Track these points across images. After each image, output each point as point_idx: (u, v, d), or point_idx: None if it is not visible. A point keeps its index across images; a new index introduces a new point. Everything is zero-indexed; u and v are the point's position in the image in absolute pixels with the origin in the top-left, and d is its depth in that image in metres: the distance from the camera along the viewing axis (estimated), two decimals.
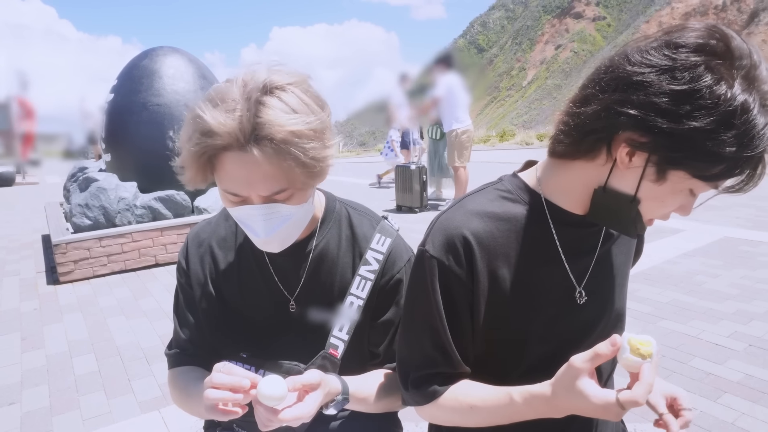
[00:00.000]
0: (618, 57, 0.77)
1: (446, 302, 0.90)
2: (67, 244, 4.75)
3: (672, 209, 0.82)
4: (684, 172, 0.75)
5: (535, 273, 0.91)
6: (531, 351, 0.93)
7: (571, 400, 0.76)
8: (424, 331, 0.93)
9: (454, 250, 0.88)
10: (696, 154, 0.72)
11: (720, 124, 0.69)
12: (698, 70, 0.69)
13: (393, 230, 1.15)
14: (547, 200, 0.91)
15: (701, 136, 0.69)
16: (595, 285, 0.95)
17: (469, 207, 0.92)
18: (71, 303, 4.23)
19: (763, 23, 58.13)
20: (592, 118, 0.78)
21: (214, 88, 0.89)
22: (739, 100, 0.68)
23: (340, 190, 1.02)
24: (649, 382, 0.71)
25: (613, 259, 0.99)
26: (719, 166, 0.72)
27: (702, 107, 0.69)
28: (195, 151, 0.86)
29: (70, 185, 6.01)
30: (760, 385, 2.42)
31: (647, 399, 0.91)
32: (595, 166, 0.83)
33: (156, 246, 5.15)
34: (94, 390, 2.82)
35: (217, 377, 0.86)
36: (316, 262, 1.11)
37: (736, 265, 4.13)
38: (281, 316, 1.11)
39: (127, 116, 5.53)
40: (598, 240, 0.96)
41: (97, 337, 3.52)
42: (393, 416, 1.23)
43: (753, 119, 0.69)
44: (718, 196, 0.83)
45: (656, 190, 0.79)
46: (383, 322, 1.10)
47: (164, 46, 5.96)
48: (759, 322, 3.09)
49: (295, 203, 0.95)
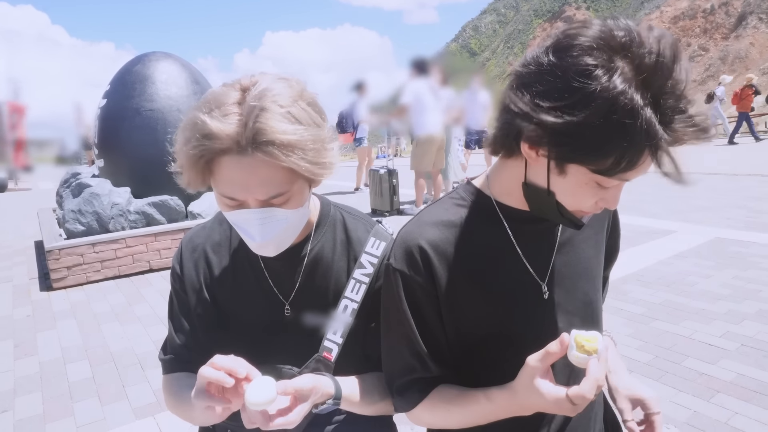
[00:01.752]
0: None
1: (414, 311, 0.94)
2: (60, 250, 4.73)
3: (591, 201, 0.82)
4: (581, 166, 0.76)
5: (496, 273, 0.94)
6: (505, 349, 0.95)
7: (530, 398, 0.80)
8: (398, 340, 0.96)
9: (413, 261, 0.92)
10: (581, 148, 0.73)
11: (597, 118, 0.69)
12: (578, 66, 0.70)
13: (387, 234, 1.15)
14: (497, 201, 0.95)
15: (582, 130, 0.70)
16: (559, 279, 0.97)
17: (424, 218, 0.97)
18: (65, 309, 4.21)
19: (750, 26, 58.74)
20: (500, 116, 0.82)
21: (213, 92, 0.90)
22: (616, 92, 0.68)
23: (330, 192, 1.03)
24: (595, 377, 0.74)
25: (579, 251, 1.00)
26: (608, 160, 0.72)
27: (580, 102, 0.69)
28: (193, 154, 0.86)
29: (62, 191, 5.98)
30: (752, 384, 2.44)
31: (618, 403, 0.94)
32: (519, 163, 0.87)
33: (150, 251, 5.14)
34: (88, 396, 2.81)
35: (217, 359, 0.87)
36: (311, 266, 1.11)
37: (728, 266, 4.17)
38: (276, 320, 1.12)
39: (120, 122, 5.53)
40: (556, 234, 0.97)
41: (90, 343, 3.50)
42: (388, 419, 1.23)
43: (631, 111, 0.68)
44: (710, 197, 0.83)
45: (564, 183, 0.81)
46: (378, 325, 1.10)
47: (157, 52, 5.96)
48: (751, 322, 3.12)
49: (291, 207, 0.95)
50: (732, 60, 57.81)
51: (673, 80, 0.70)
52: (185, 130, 0.88)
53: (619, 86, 0.68)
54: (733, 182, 8.37)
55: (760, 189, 7.54)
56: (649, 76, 0.69)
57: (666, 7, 74.30)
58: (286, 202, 0.94)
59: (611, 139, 0.70)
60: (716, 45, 63.14)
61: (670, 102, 0.70)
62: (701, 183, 8.54)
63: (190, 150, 0.86)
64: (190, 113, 0.88)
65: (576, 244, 1.00)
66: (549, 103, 0.72)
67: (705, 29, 66.71)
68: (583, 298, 1.00)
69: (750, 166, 10.23)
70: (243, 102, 0.86)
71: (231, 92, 0.87)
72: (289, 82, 0.92)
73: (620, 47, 0.71)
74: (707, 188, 7.91)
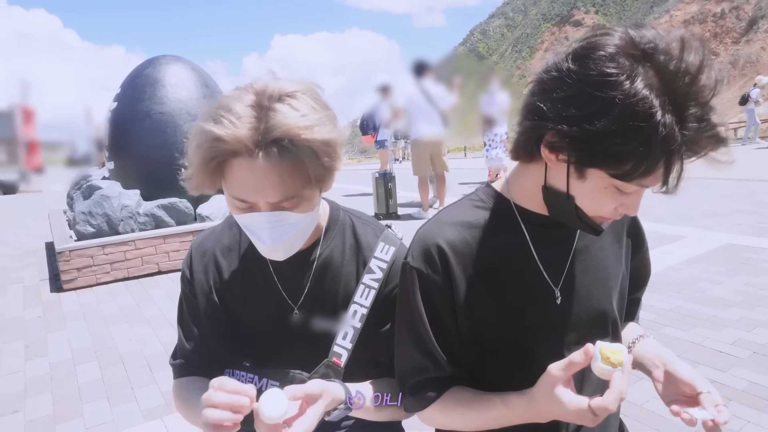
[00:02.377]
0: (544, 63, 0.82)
1: (429, 309, 0.94)
2: (70, 251, 4.77)
3: (611, 206, 0.82)
4: (600, 171, 0.76)
5: (511, 276, 0.94)
6: (517, 353, 0.94)
7: (550, 406, 0.79)
8: (411, 339, 0.97)
9: (431, 259, 0.93)
10: (600, 153, 0.73)
11: (617, 124, 0.69)
12: (600, 73, 0.70)
13: (396, 239, 1.15)
14: (516, 204, 0.95)
15: (602, 136, 0.71)
16: (574, 286, 0.96)
17: (443, 219, 0.98)
18: (75, 310, 4.24)
19: (761, 30, 58.29)
20: (522, 121, 0.83)
21: (224, 96, 0.90)
22: (637, 99, 0.68)
23: (341, 197, 1.03)
24: (619, 389, 0.74)
25: (596, 260, 0.99)
26: (627, 165, 0.72)
27: (600, 110, 0.70)
28: (205, 156, 0.86)
29: (73, 193, 6.03)
30: (765, 393, 2.41)
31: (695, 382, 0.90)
32: (539, 167, 0.87)
33: (159, 254, 5.16)
34: (97, 398, 2.82)
35: (216, 397, 0.83)
36: (320, 271, 1.11)
37: (739, 272, 4.13)
38: (285, 325, 1.12)
39: (131, 124, 5.57)
40: (573, 241, 0.97)
41: (100, 344, 3.52)
42: (396, 424, 1.23)
43: (650, 117, 0.68)
44: (720, 202, 0.83)
45: (583, 188, 0.81)
46: (387, 331, 1.10)
47: (167, 55, 6.01)
48: (763, 329, 3.08)
49: (301, 211, 0.95)
50: (743, 64, 57.36)
51: (697, 87, 0.70)
52: (198, 133, 0.88)
53: (640, 92, 0.68)
54: (744, 187, 8.29)
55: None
56: (671, 82, 0.69)
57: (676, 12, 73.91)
58: (297, 205, 0.94)
59: (630, 144, 0.70)
60: (726, 49, 62.69)
61: (693, 110, 0.70)
62: (711, 188, 8.46)
63: (202, 153, 0.86)
64: (203, 116, 0.89)
65: (593, 252, 0.99)
66: (570, 110, 0.73)
67: (715, 33, 66.27)
68: (598, 306, 0.99)
69: (761, 171, 10.13)
70: (256, 105, 0.86)
71: (244, 96, 0.88)
72: (300, 84, 0.92)
73: (642, 54, 0.71)
74: (717, 193, 7.84)
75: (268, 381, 1.07)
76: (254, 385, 1.07)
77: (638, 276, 1.13)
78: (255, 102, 0.86)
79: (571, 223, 0.89)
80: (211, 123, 0.85)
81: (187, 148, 0.92)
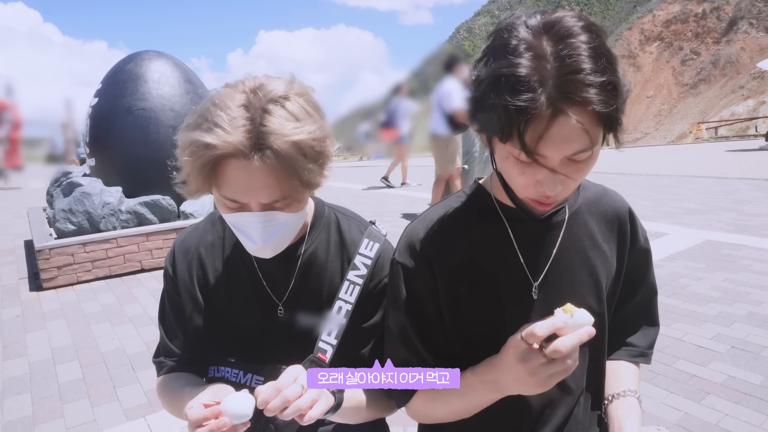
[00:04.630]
0: None
1: (414, 304, 0.96)
2: (50, 249, 4.69)
3: (521, 181, 0.82)
4: (493, 137, 0.80)
5: (492, 270, 0.95)
6: (495, 346, 0.95)
7: (505, 367, 0.81)
8: (397, 334, 0.98)
9: (416, 255, 0.96)
10: (478, 112, 0.79)
11: (488, 86, 0.75)
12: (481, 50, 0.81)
13: (381, 235, 1.15)
14: (497, 200, 0.97)
15: (480, 98, 0.78)
16: (555, 282, 0.97)
17: (429, 215, 1.01)
18: (55, 310, 4.17)
19: (741, 31, 59.27)
20: None
21: (217, 95, 0.89)
22: (505, 63, 0.73)
23: (329, 194, 1.04)
24: (554, 322, 0.75)
25: (584, 259, 0.99)
26: (499, 123, 0.76)
27: (481, 77, 0.77)
28: (199, 162, 0.85)
29: (53, 190, 5.93)
30: (742, 386, 2.46)
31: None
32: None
33: (141, 251, 5.10)
34: (78, 398, 2.78)
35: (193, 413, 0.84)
36: (305, 267, 1.11)
37: (719, 269, 4.20)
38: (269, 321, 1.11)
39: (112, 120, 5.48)
40: (557, 237, 0.97)
41: (81, 344, 3.47)
42: (380, 421, 1.23)
43: (513, 76, 0.72)
44: (700, 200, 0.84)
45: (498, 162, 0.84)
46: (369, 326, 1.10)
47: (149, 51, 5.92)
48: (741, 324, 3.15)
49: (292, 211, 0.95)
50: (723, 64, 58.31)
51: (569, 51, 0.72)
52: (189, 137, 0.87)
53: (488, 66, 0.76)
54: (723, 185, 8.44)
55: (749, 192, 7.61)
56: (541, 47, 0.73)
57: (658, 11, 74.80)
58: (289, 206, 0.94)
59: (496, 104, 0.74)
60: (708, 49, 63.63)
61: (563, 74, 0.71)
62: (691, 185, 8.60)
63: (195, 159, 0.85)
64: (193, 118, 0.87)
65: (581, 250, 0.99)
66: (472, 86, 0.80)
67: (697, 33, 67.21)
68: (579, 303, 0.98)
69: (739, 170, 10.32)
70: (249, 106, 0.85)
71: (235, 95, 0.87)
72: (293, 84, 0.91)
73: (511, 27, 0.77)
74: (697, 191, 7.97)
75: (253, 376, 1.06)
76: (239, 381, 1.06)
77: (633, 276, 1.09)
78: (247, 102, 0.85)
79: (520, 209, 0.90)
80: (204, 126, 0.84)
81: (179, 151, 0.90)
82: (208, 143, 0.83)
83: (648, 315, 1.15)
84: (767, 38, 55.19)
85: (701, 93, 59.10)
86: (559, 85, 0.71)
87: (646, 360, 1.14)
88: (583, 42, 0.72)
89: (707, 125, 26.66)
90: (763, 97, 43.01)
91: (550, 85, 0.71)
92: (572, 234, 0.98)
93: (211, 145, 0.83)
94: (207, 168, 0.86)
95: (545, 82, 0.71)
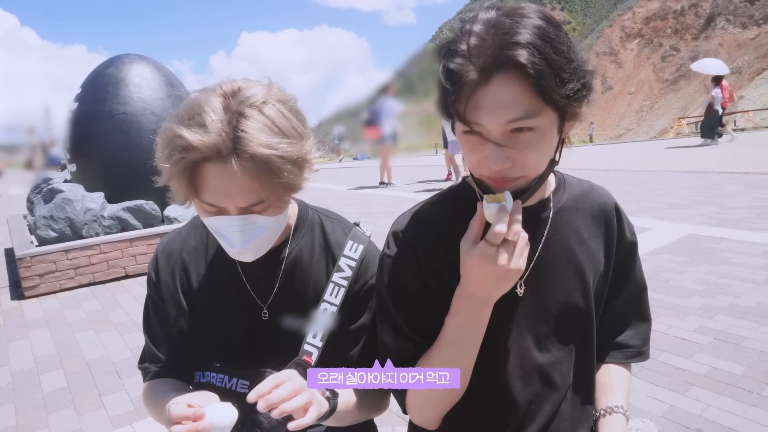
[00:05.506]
0: None
1: (403, 295, 0.96)
2: (31, 257, 4.61)
3: (474, 157, 0.84)
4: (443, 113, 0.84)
5: None
6: (485, 345, 0.94)
7: (468, 270, 0.83)
8: (388, 330, 0.98)
9: (403, 247, 0.97)
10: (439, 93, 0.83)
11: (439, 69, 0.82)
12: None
13: (365, 237, 1.15)
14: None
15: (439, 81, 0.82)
16: (540, 277, 0.97)
17: (416, 209, 1.02)
18: (37, 318, 4.11)
19: (718, 27, 60.23)
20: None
21: (194, 98, 0.88)
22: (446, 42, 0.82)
23: (314, 196, 1.04)
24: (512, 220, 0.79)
25: (569, 254, 0.99)
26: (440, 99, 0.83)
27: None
28: (177, 169, 0.85)
29: (33, 197, 5.83)
30: (724, 377, 2.50)
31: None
32: None
33: (125, 257, 5.04)
34: (63, 407, 2.74)
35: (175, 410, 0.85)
36: (290, 270, 1.11)
37: (701, 262, 4.27)
38: (254, 324, 1.11)
39: (92, 125, 5.41)
40: (542, 232, 0.98)
41: (65, 352, 3.42)
42: (369, 421, 1.23)
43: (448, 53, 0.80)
44: (682, 194, 0.85)
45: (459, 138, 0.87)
46: (356, 327, 1.10)
47: (130, 54, 5.86)
48: (723, 316, 3.20)
49: (271, 214, 0.95)
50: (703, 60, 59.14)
51: (510, 23, 0.77)
52: (166, 141, 0.86)
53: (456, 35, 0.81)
54: (704, 179, 8.57)
55: (729, 186, 7.74)
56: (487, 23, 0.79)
57: (638, 8, 75.75)
58: (267, 209, 0.93)
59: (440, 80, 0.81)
60: (687, 45, 64.59)
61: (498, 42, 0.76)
62: (673, 180, 8.72)
63: (173, 165, 0.85)
64: (171, 122, 0.87)
65: (566, 246, 0.99)
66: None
67: (676, 30, 68.19)
68: (565, 299, 0.99)
69: (719, 164, 10.49)
70: (224, 109, 0.85)
71: (212, 98, 0.86)
72: (271, 88, 0.91)
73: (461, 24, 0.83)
74: (680, 186, 8.08)
75: (238, 381, 1.06)
76: (224, 385, 1.06)
77: (620, 269, 1.09)
78: (225, 106, 0.85)
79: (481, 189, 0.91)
80: (179, 131, 0.84)
81: (157, 156, 0.90)
82: (185, 145, 0.83)
83: (639, 310, 1.14)
84: (744, 34, 56.17)
85: (681, 89, 59.94)
86: (492, 52, 0.75)
87: (643, 358, 1.13)
88: (532, 23, 0.76)
89: (687, 120, 27.02)
90: (741, 92, 43.76)
91: (484, 53, 0.76)
92: (557, 230, 0.99)
93: (188, 146, 0.83)
94: (187, 172, 0.86)
95: (479, 50, 0.76)
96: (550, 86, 0.75)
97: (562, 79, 0.76)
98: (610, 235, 1.06)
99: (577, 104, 0.82)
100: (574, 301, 1.00)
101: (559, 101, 0.77)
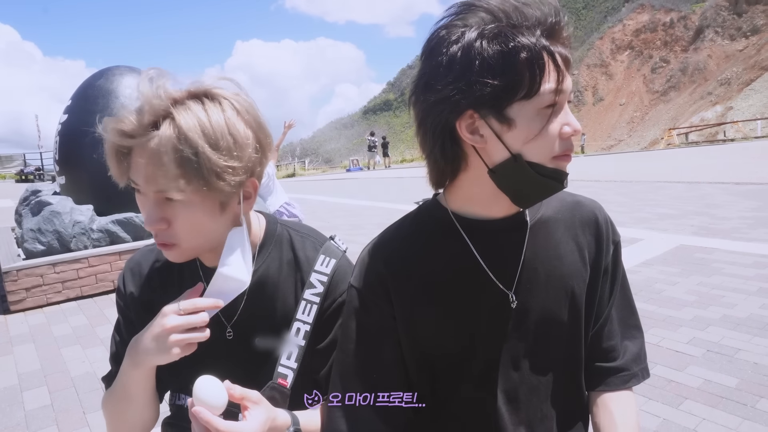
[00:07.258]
0: None
1: (365, 333, 0.93)
2: (18, 271, 4.54)
3: (553, 131, 0.80)
4: (515, 102, 0.78)
5: (459, 286, 0.91)
6: (471, 362, 0.92)
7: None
8: (349, 364, 0.95)
9: (370, 278, 0.93)
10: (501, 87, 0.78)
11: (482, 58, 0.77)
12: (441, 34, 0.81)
13: (339, 251, 1.11)
14: (455, 213, 0.93)
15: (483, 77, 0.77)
16: (529, 287, 0.94)
17: (384, 235, 0.98)
18: (23, 333, 4.03)
19: (707, 39, 61.08)
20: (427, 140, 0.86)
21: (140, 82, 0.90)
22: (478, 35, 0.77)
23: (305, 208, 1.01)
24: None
25: (549, 267, 0.96)
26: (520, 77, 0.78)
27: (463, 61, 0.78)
28: (109, 144, 0.90)
29: (22, 209, 5.76)
30: (718, 389, 2.48)
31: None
32: (469, 169, 0.86)
33: (114, 270, 4.98)
34: (45, 425, 2.68)
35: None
36: (256, 288, 1.06)
37: (693, 272, 4.26)
38: (219, 344, 1.06)
39: (82, 137, 5.35)
40: (522, 244, 0.94)
41: (50, 368, 3.35)
42: None
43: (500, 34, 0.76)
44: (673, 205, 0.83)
45: (520, 134, 0.80)
46: (324, 347, 1.05)
47: (120, 66, 5.84)
48: (716, 327, 3.18)
49: (187, 215, 0.90)
50: (692, 71, 59.92)
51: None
52: (106, 121, 0.91)
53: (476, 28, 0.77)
54: (695, 190, 8.62)
55: (719, 197, 7.78)
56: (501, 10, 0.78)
57: (628, 21, 76.74)
58: (182, 207, 0.89)
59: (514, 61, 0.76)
60: (676, 57, 65.41)
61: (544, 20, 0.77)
62: (664, 191, 8.76)
63: (108, 139, 0.90)
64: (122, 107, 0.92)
65: (547, 260, 0.95)
66: (450, 79, 0.77)
67: (665, 42, 69.08)
68: (551, 315, 0.95)
69: (709, 174, 10.56)
70: (169, 97, 0.86)
71: (159, 91, 0.87)
72: (234, 86, 0.92)
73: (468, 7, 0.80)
74: (670, 196, 8.12)
75: None
76: None
77: (609, 279, 1.05)
78: (168, 95, 0.86)
79: (537, 191, 0.85)
80: (122, 111, 0.88)
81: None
82: (115, 125, 0.88)
83: (629, 320, 1.10)
84: (732, 46, 56.99)
85: (671, 100, 60.58)
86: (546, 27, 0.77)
87: (643, 378, 1.05)
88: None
89: (678, 131, 27.27)
90: (730, 102, 44.31)
91: (538, 31, 0.77)
92: (537, 243, 0.96)
93: (118, 127, 0.87)
94: (118, 154, 0.90)
95: (534, 28, 0.77)
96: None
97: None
98: (598, 240, 1.02)
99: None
100: (558, 317, 0.96)
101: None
